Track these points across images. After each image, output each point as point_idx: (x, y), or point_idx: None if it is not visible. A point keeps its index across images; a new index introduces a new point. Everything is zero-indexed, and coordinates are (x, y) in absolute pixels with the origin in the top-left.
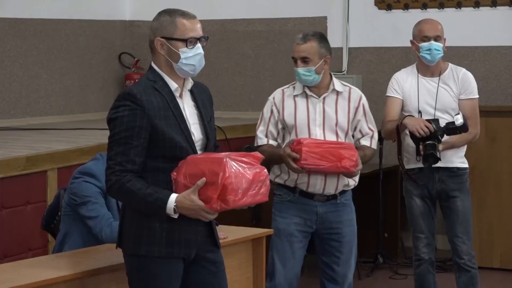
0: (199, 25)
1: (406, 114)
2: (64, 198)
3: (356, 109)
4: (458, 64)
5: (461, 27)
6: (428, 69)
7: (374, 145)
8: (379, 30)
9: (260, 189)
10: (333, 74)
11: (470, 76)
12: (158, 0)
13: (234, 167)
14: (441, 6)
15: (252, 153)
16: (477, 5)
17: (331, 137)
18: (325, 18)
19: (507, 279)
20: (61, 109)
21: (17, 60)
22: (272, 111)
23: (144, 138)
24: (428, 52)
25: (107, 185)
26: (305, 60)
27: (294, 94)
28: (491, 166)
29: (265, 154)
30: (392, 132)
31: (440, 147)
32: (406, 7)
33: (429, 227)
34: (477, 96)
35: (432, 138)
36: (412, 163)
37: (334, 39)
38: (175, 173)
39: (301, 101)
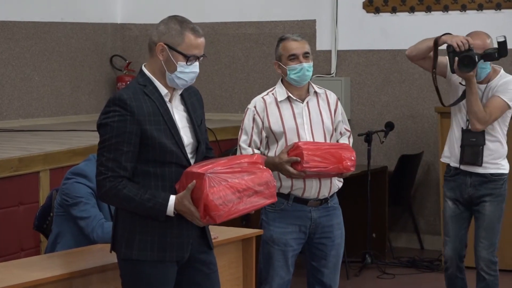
0: (203, 44)
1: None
2: (56, 199)
3: (335, 111)
4: None
5: (448, 30)
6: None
7: (351, 144)
8: (367, 33)
9: (260, 194)
10: (322, 77)
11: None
12: (149, 4)
13: (216, 183)
14: (428, 9)
15: (248, 156)
16: (463, 8)
17: (320, 140)
18: (314, 21)
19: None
20: (53, 111)
21: (10, 63)
22: (254, 120)
23: (134, 144)
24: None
25: (100, 191)
26: (306, 56)
27: (279, 100)
28: None
29: None
30: (424, 45)
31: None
32: (394, 10)
33: (458, 232)
34: (508, 101)
35: (468, 52)
36: (446, 157)
37: (323, 42)
38: (177, 186)
39: (285, 107)
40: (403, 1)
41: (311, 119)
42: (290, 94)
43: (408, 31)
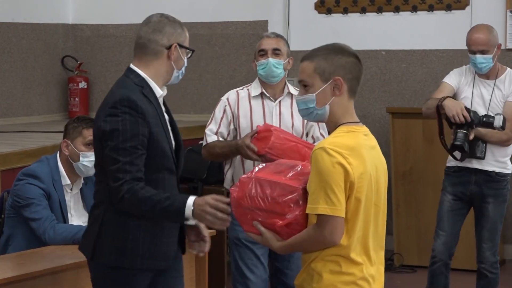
0: None
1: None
2: (7, 201)
3: None
4: (395, 67)
5: (399, 31)
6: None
7: None
8: (319, 34)
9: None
10: None
11: None
12: (101, 4)
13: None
14: (380, 10)
15: None
16: (414, 9)
17: None
18: (266, 21)
19: None
20: (4, 112)
21: None
22: (225, 111)
23: (146, 147)
24: (474, 65)
25: (117, 196)
26: (276, 53)
27: (253, 95)
28: (428, 167)
29: (217, 148)
30: (431, 110)
31: (471, 135)
32: (345, 11)
33: (453, 226)
34: None
35: (466, 126)
36: (453, 161)
37: None
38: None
39: (256, 104)
40: (355, 2)
41: (280, 120)
42: (264, 91)
43: (360, 31)
